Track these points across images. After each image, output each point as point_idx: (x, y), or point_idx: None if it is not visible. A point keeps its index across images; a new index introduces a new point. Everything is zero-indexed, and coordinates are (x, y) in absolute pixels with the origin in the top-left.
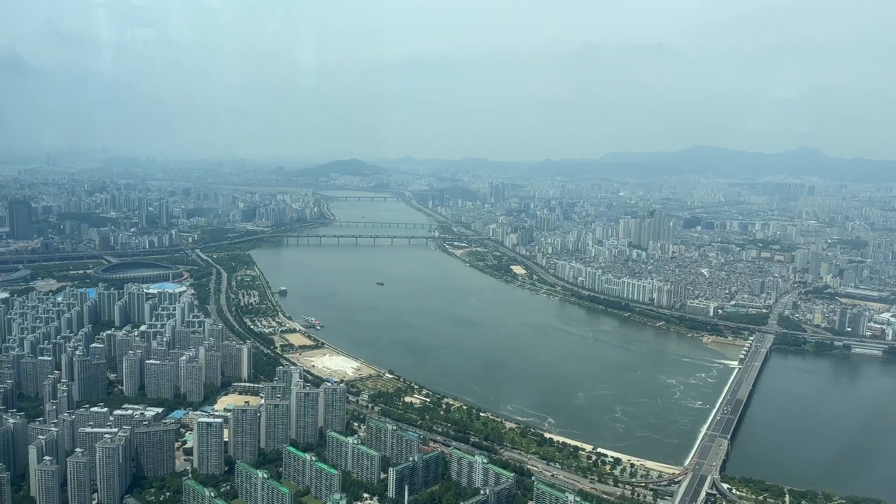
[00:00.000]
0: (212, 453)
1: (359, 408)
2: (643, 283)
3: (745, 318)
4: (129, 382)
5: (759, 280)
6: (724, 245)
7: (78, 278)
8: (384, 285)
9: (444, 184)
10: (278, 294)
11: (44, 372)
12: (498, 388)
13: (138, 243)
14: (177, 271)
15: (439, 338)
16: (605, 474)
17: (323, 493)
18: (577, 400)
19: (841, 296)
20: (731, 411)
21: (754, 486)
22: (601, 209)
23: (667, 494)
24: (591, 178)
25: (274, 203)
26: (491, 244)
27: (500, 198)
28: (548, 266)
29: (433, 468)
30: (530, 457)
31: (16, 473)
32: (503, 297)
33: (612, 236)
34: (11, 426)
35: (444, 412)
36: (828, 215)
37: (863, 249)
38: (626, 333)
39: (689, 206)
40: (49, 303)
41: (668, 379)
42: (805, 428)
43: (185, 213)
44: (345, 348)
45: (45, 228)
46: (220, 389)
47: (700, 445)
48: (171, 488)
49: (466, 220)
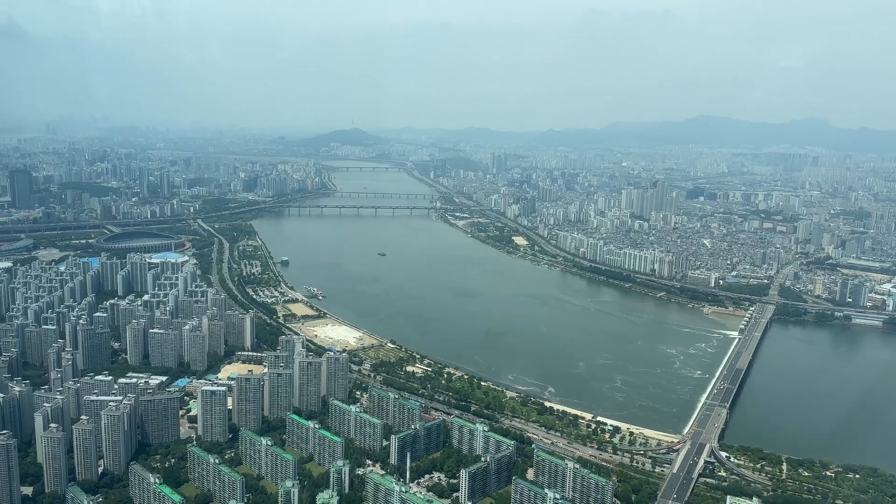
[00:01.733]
0: (216, 421)
1: (361, 377)
2: (645, 254)
3: (746, 289)
4: (133, 351)
5: (761, 251)
6: (727, 216)
7: (80, 248)
8: (386, 256)
9: (445, 154)
10: (280, 264)
11: (48, 341)
12: (499, 357)
13: (140, 213)
14: (179, 241)
15: (441, 308)
16: (604, 442)
17: (326, 460)
18: (577, 370)
19: (842, 266)
20: (731, 381)
21: (752, 454)
22: (604, 180)
23: (665, 462)
24: (595, 148)
25: (275, 173)
26: (493, 215)
27: (503, 168)
28: (549, 237)
29: (434, 436)
30: (531, 425)
31: (22, 440)
32: (505, 267)
33: (614, 207)
34: (17, 394)
35: (445, 381)
36: (831, 186)
37: (865, 220)
38: (626, 304)
39: (693, 177)
40: (52, 272)
41: (669, 349)
42: (804, 398)
43: (186, 182)
44: (347, 318)
45: (46, 198)
46: (224, 358)
47: (699, 414)
48: (176, 455)
49: (468, 190)
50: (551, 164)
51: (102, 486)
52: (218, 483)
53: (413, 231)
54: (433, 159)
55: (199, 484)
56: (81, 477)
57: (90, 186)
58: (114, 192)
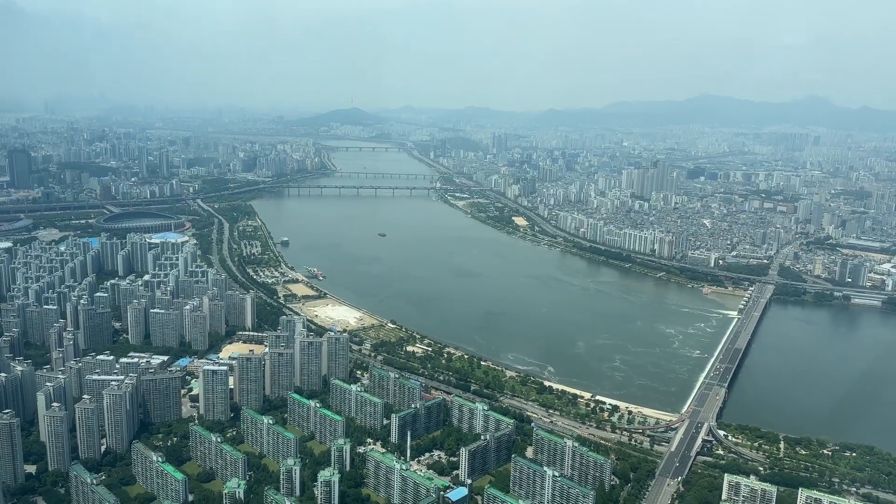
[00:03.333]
0: (217, 400)
1: (361, 356)
2: (645, 234)
3: (745, 269)
4: (135, 331)
5: (761, 231)
6: (727, 196)
7: (80, 228)
8: (386, 236)
9: (445, 134)
10: (280, 244)
11: (49, 321)
12: (499, 337)
13: (139, 193)
14: (178, 221)
15: (441, 288)
16: (603, 421)
17: (327, 439)
18: (576, 349)
19: (842, 246)
20: (729, 360)
21: (750, 433)
22: (604, 160)
23: (664, 440)
24: (595, 127)
25: (274, 153)
26: (493, 195)
27: (503, 148)
28: (549, 217)
29: (435, 415)
30: (530, 404)
31: (25, 419)
32: (505, 248)
33: (614, 187)
34: (19, 373)
35: (445, 361)
36: (832, 165)
37: (866, 200)
38: (626, 284)
39: (693, 157)
40: (52, 252)
41: (668, 329)
42: (802, 377)
43: (185, 162)
44: (347, 298)
45: (45, 178)
46: (225, 338)
47: (697, 393)
48: (179, 434)
49: (468, 170)
50: (552, 143)
51: (105, 464)
52: (220, 461)
53: (413, 211)
54: (433, 139)
55: (202, 462)
56: (84, 455)
57: (89, 166)
58: (113, 171)
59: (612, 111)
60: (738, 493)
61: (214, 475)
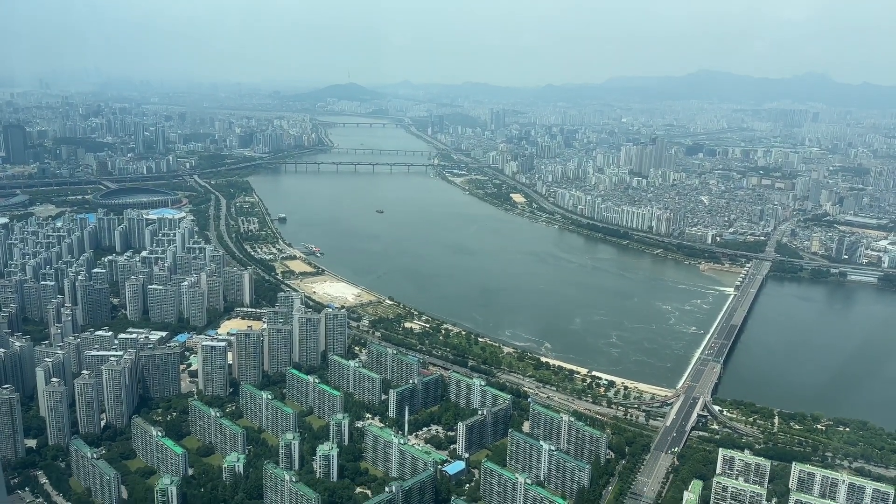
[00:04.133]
0: (216, 375)
1: (360, 333)
2: (642, 211)
3: (742, 246)
4: (133, 307)
5: (759, 208)
6: (726, 172)
7: (77, 203)
8: (384, 213)
9: (443, 110)
10: (278, 221)
11: (47, 297)
12: (496, 314)
13: (136, 168)
14: (175, 197)
15: (439, 265)
16: (599, 396)
17: (326, 414)
18: (573, 326)
19: (840, 223)
20: (725, 337)
21: (745, 408)
22: (603, 136)
23: (659, 415)
24: (594, 103)
25: (271, 129)
26: (491, 172)
27: (501, 124)
28: (547, 194)
29: (432, 390)
30: (527, 380)
31: (25, 395)
32: (502, 225)
33: (613, 164)
34: (18, 349)
35: (443, 337)
36: (831, 142)
37: (864, 177)
38: (623, 261)
39: (692, 133)
40: (49, 228)
41: (664, 305)
42: (797, 353)
43: (181, 138)
44: (345, 275)
45: (40, 153)
46: (223, 314)
47: (693, 369)
48: (178, 409)
49: (466, 147)
50: (550, 119)
51: (105, 438)
52: (220, 436)
53: (411, 188)
54: (431, 115)
55: (201, 437)
56: (84, 430)
57: (85, 142)
58: (109, 147)
59: (611, 86)
60: (732, 467)
61: (214, 449)
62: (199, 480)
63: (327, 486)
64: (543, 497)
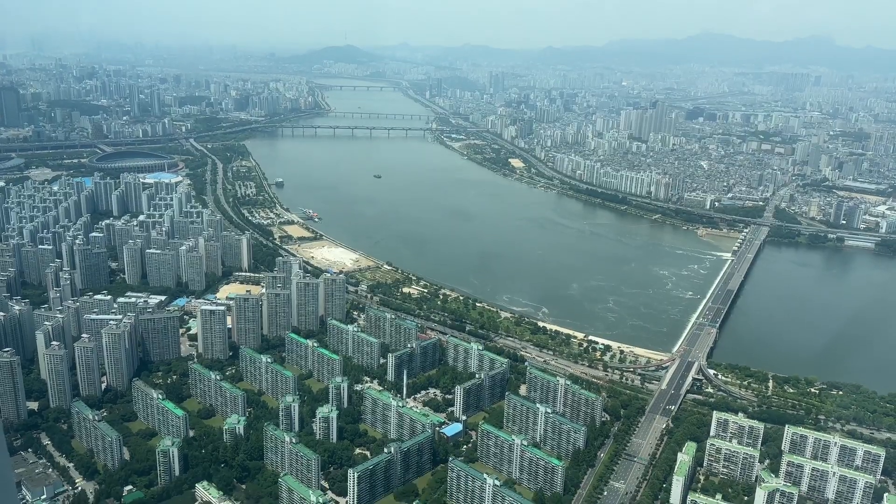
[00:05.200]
0: (216, 339)
1: (358, 297)
2: (641, 176)
3: (741, 211)
4: (131, 271)
5: (758, 173)
6: (725, 137)
7: (73, 167)
8: (381, 178)
9: (442, 73)
10: (275, 185)
11: (45, 260)
12: (494, 279)
13: (131, 132)
14: (172, 161)
15: (437, 230)
16: (595, 360)
17: (325, 377)
18: (570, 291)
19: (838, 188)
20: (722, 301)
21: (740, 371)
22: (603, 100)
23: (654, 379)
24: (595, 66)
25: (267, 92)
26: (489, 137)
27: (500, 88)
28: (546, 159)
29: (430, 354)
30: (524, 344)
31: (25, 357)
32: (501, 190)
33: (612, 128)
34: (18, 312)
35: (441, 302)
36: (832, 106)
37: (864, 142)
38: (621, 226)
39: (693, 97)
40: (45, 192)
41: (661, 270)
42: (793, 318)
43: (176, 101)
44: (343, 240)
45: (35, 116)
46: (221, 279)
47: (689, 334)
48: (178, 372)
49: (465, 111)
50: (550, 83)
51: (106, 401)
52: (220, 398)
53: (408, 153)
54: (429, 78)
55: (201, 399)
56: (85, 393)
57: (79, 104)
58: (104, 110)
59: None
60: (725, 430)
61: (214, 412)
62: (200, 442)
63: (327, 447)
64: (539, 458)
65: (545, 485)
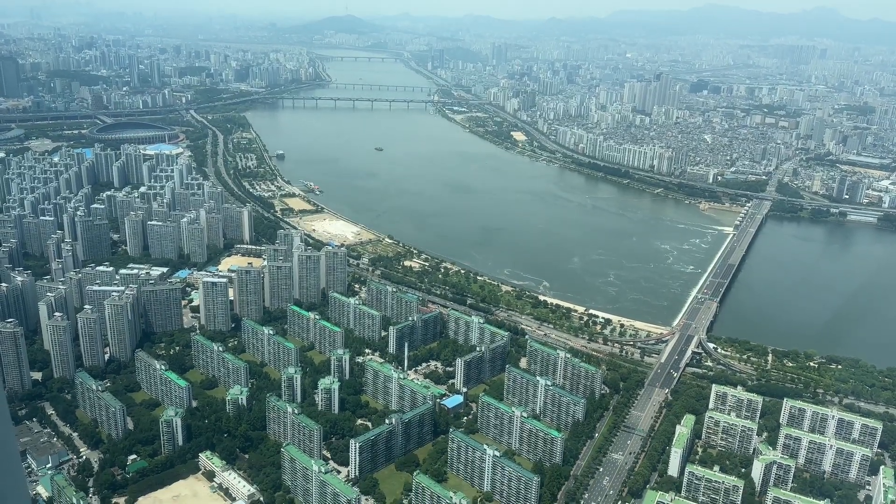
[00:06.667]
0: (218, 311)
1: (359, 271)
2: (644, 150)
3: (743, 185)
4: (133, 243)
5: (762, 146)
6: (729, 110)
7: (73, 138)
8: (383, 151)
9: (444, 44)
10: (276, 158)
11: (47, 232)
12: (495, 253)
13: (132, 103)
14: (172, 132)
15: (438, 204)
16: (595, 334)
17: (326, 349)
18: (571, 265)
19: (842, 163)
20: (723, 276)
21: (739, 345)
22: (606, 72)
23: (654, 352)
24: (599, 38)
25: (267, 62)
26: (491, 109)
27: (503, 59)
28: (549, 132)
29: (431, 327)
30: (525, 317)
31: (28, 328)
32: (503, 163)
33: (616, 101)
34: (20, 283)
35: (442, 276)
36: (838, 80)
37: (869, 116)
38: (624, 200)
39: (697, 69)
40: (46, 163)
41: (663, 245)
42: (794, 293)
43: (176, 71)
44: (344, 213)
45: (34, 86)
46: (223, 251)
47: (689, 308)
48: (181, 343)
49: (467, 83)
50: (553, 55)
51: (109, 372)
52: (222, 369)
53: (410, 125)
54: (431, 49)
55: (204, 370)
56: (88, 363)
57: (79, 75)
58: (104, 80)
59: (616, 20)
60: (724, 403)
61: (217, 383)
62: (203, 412)
63: (329, 417)
64: (539, 429)
65: (544, 456)
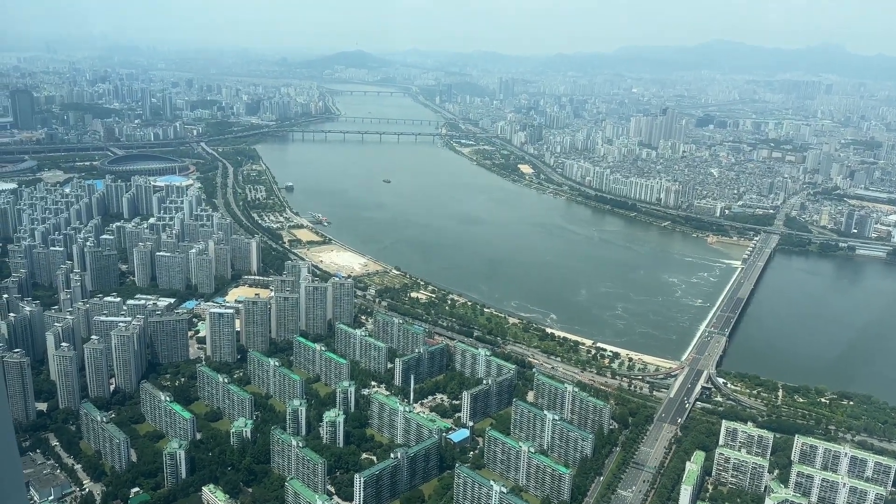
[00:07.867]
0: (224, 342)
1: (366, 302)
2: (651, 183)
3: (751, 219)
4: (141, 273)
5: (769, 180)
6: (736, 144)
7: (84, 170)
8: (391, 183)
9: (452, 78)
10: (285, 189)
11: (56, 262)
12: (502, 285)
13: (143, 135)
14: (183, 164)
15: (445, 236)
16: (603, 367)
17: (332, 381)
18: (579, 297)
19: (850, 197)
20: (731, 310)
21: (749, 380)
22: (613, 106)
23: (663, 387)
24: (605, 73)
25: (278, 96)
26: (499, 142)
27: (510, 94)
28: (556, 165)
29: (438, 359)
30: (532, 350)
31: (35, 359)
32: (510, 196)
33: (622, 135)
34: (28, 313)
35: (449, 307)
36: (844, 115)
37: (876, 150)
38: (631, 233)
39: (703, 104)
40: (57, 194)
41: (671, 278)
42: (803, 327)
43: (188, 105)
44: (352, 244)
45: (48, 118)
46: (231, 282)
47: (698, 342)
48: (186, 374)
49: (474, 116)
50: (560, 89)
51: (114, 402)
52: (227, 401)
53: (418, 158)
54: (439, 84)
55: (209, 402)
56: (94, 394)
57: (92, 108)
58: (116, 113)
59: (622, 56)
60: (735, 439)
61: (222, 415)
62: (207, 445)
63: (334, 451)
64: (546, 465)
65: (552, 492)
